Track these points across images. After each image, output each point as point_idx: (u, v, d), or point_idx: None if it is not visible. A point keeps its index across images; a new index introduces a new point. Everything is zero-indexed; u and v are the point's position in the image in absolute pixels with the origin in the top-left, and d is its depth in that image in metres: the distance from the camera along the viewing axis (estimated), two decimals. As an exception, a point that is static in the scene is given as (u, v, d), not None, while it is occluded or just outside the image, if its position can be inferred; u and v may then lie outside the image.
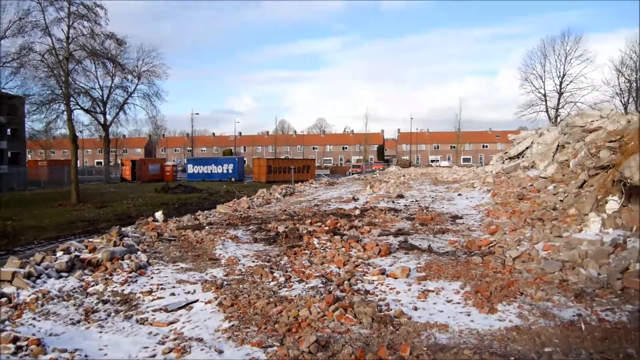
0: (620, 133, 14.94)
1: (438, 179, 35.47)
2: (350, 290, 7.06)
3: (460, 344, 5.14)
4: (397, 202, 18.87)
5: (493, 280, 7.36)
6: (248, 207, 18.47)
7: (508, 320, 5.86)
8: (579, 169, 16.04)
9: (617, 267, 7.25)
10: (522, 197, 15.95)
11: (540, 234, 10.10)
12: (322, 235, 11.07)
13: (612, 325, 5.60)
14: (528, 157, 27.55)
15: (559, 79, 66.43)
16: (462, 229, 12.51)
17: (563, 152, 21.72)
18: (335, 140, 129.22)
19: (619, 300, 6.34)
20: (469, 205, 17.42)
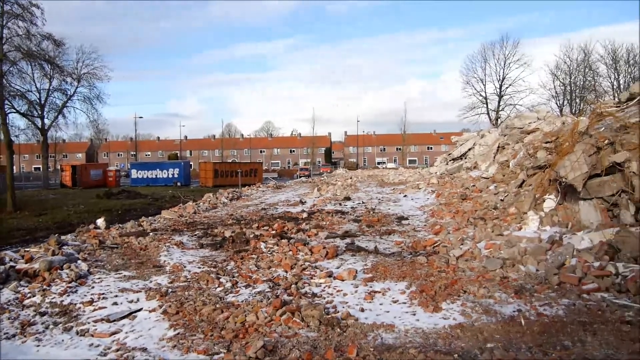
0: (556, 134, 15.56)
1: (384, 180, 35.97)
2: (298, 293, 7.05)
3: (406, 343, 5.21)
4: (344, 205, 19.00)
5: (437, 280, 7.51)
6: (194, 212, 18.18)
7: (452, 318, 5.98)
8: (518, 169, 16.60)
9: (554, 263, 7.54)
10: (465, 197, 16.37)
11: (482, 233, 10.39)
12: (269, 239, 11.02)
13: (549, 319, 5.81)
14: (470, 158, 28.31)
15: (498, 82, 68.75)
16: (408, 229, 12.72)
17: (503, 153, 22.42)
18: (282, 143, 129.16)
19: (556, 295, 6.59)
20: (414, 206, 17.74)
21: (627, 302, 6.21)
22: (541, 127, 21.45)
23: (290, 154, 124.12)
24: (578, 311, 6.03)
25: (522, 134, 22.38)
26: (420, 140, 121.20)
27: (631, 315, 5.83)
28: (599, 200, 9.82)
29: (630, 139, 9.85)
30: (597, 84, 64.99)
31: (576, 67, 66.34)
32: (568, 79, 66.71)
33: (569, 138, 12.34)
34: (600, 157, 10.10)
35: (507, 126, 26.21)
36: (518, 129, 23.55)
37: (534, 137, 19.67)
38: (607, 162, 9.74)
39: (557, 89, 66.99)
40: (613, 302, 6.24)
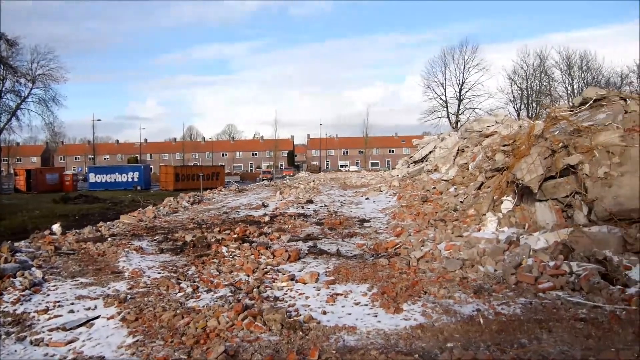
0: (513, 137, 15.94)
1: (347, 183, 36.15)
2: (260, 297, 7.01)
3: (367, 345, 5.24)
4: (306, 208, 19.02)
5: (399, 281, 7.59)
6: (154, 216, 17.89)
7: (413, 319, 6.05)
8: (477, 171, 16.94)
9: (511, 263, 7.72)
10: (426, 200, 16.59)
11: (442, 235, 10.55)
12: (230, 243, 10.93)
13: (507, 317, 5.95)
14: (431, 161, 28.73)
15: (458, 86, 70.17)
16: (370, 232, 12.81)
17: (463, 155, 22.84)
18: (245, 146, 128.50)
19: (513, 294, 6.75)
20: (376, 209, 17.88)
21: (580, 299, 6.40)
22: (499, 131, 21.94)
23: (253, 157, 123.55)
24: (534, 309, 6.18)
25: (480, 137, 22.85)
26: (383, 143, 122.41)
27: (584, 312, 6.02)
28: (554, 202, 10.11)
29: (583, 142, 10.17)
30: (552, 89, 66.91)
31: (532, 72, 68.21)
32: (525, 83, 68.53)
33: (525, 141, 12.65)
34: (555, 159, 10.40)
35: (466, 129, 26.73)
36: (477, 132, 24.04)
37: (492, 140, 20.10)
38: (562, 165, 10.03)
39: (515, 93, 68.75)
40: (567, 300, 6.43)
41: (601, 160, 9.52)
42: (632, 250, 7.97)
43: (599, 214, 9.07)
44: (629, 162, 9.24)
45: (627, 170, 9.13)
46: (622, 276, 6.97)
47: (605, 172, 9.30)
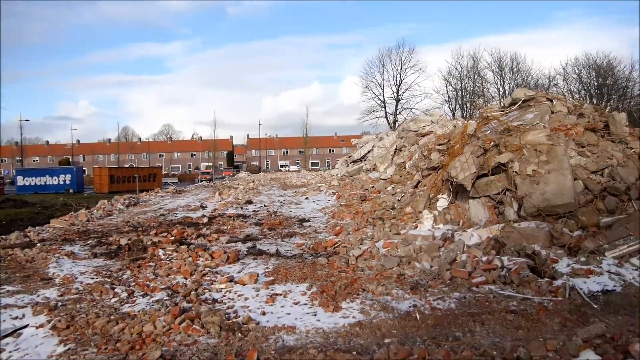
0: (448, 137, 16.39)
1: (287, 183, 36.11)
2: (198, 300, 6.89)
3: (306, 344, 5.25)
4: (246, 208, 18.86)
5: (338, 279, 7.65)
6: (87, 220, 17.26)
7: (352, 316, 6.11)
8: (414, 170, 17.30)
9: (446, 259, 7.93)
10: (365, 199, 16.80)
11: (380, 233, 10.71)
12: (167, 245, 10.69)
13: (442, 312, 6.12)
14: (370, 160, 29.09)
15: (396, 87, 71.39)
16: (309, 231, 12.85)
17: (400, 155, 23.26)
18: (183, 147, 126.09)
19: (448, 289, 6.94)
20: (315, 208, 17.95)
21: (511, 292, 6.66)
22: (435, 130, 22.53)
23: (192, 158, 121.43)
24: (468, 303, 6.38)
25: (417, 136, 23.36)
26: (322, 143, 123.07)
27: (515, 304, 6.26)
28: (487, 199, 10.46)
29: (513, 141, 10.57)
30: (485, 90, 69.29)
31: (466, 73, 70.44)
32: (459, 84, 70.67)
33: (459, 140, 13.03)
34: (487, 158, 10.76)
35: (403, 129, 27.27)
36: (414, 132, 24.57)
37: (428, 140, 20.59)
38: (493, 163, 10.39)
39: (450, 94, 70.79)
40: (499, 293, 6.67)
41: (529, 159, 9.92)
42: (559, 244, 8.36)
43: (528, 210, 9.46)
44: (555, 160, 9.68)
45: (553, 168, 9.57)
46: (549, 269, 7.30)
47: (533, 169, 9.70)
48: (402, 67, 71.09)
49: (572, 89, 70.11)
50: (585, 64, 70.87)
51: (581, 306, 6.16)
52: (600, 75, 70.37)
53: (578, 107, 13.50)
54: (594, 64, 70.50)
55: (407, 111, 69.45)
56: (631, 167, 10.06)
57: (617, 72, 70.53)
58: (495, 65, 69.18)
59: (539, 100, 13.50)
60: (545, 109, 12.64)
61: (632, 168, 10.03)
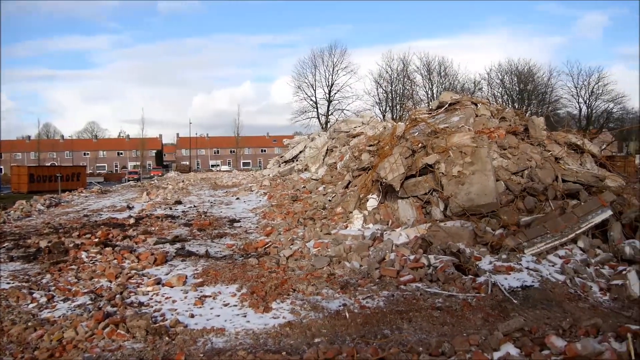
0: (378, 138, 16.71)
1: (218, 183, 35.59)
2: (123, 304, 6.67)
3: (236, 346, 5.19)
4: (175, 209, 18.45)
5: (268, 280, 7.61)
6: (3, 221, 16.32)
7: (282, 317, 6.10)
8: (345, 170, 17.51)
9: (375, 258, 8.07)
10: (296, 199, 16.83)
11: (311, 233, 10.76)
12: (91, 248, 10.27)
13: (371, 310, 6.22)
14: (302, 160, 29.21)
15: (328, 88, 72.03)
16: (240, 232, 12.73)
17: (332, 155, 23.51)
18: (109, 145, 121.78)
19: (377, 288, 7.06)
20: (246, 209, 17.80)
21: (437, 290, 6.86)
22: (365, 131, 22.89)
23: (118, 157, 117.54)
24: (396, 301, 6.52)
25: (348, 137, 23.68)
26: (254, 143, 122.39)
27: (440, 301, 6.46)
28: (415, 199, 10.73)
29: (440, 143, 10.90)
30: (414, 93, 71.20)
31: (396, 76, 72.13)
32: (390, 87, 72.26)
33: (388, 142, 13.32)
34: (415, 159, 11.04)
35: (335, 130, 27.55)
36: (345, 133, 24.87)
37: (358, 141, 20.91)
38: (421, 164, 10.67)
39: (381, 96, 72.29)
40: (426, 290, 6.85)
41: (455, 160, 10.26)
42: (482, 242, 8.69)
43: (453, 210, 9.78)
44: (478, 162, 10.06)
45: (477, 169, 9.94)
46: (473, 266, 7.57)
47: (458, 170, 10.04)
48: (334, 68, 71.96)
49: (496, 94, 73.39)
50: (508, 70, 74.39)
51: (502, 301, 6.43)
52: (522, 81, 74.01)
53: (500, 111, 14.10)
54: (515, 70, 74.07)
55: (339, 112, 70.35)
56: (548, 169, 10.60)
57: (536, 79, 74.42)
58: (424, 69, 71.36)
59: (464, 103, 13.99)
60: (470, 112, 13.12)
61: (549, 170, 10.58)
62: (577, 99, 77.54)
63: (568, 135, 12.82)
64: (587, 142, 12.72)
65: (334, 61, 71.83)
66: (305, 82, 72.25)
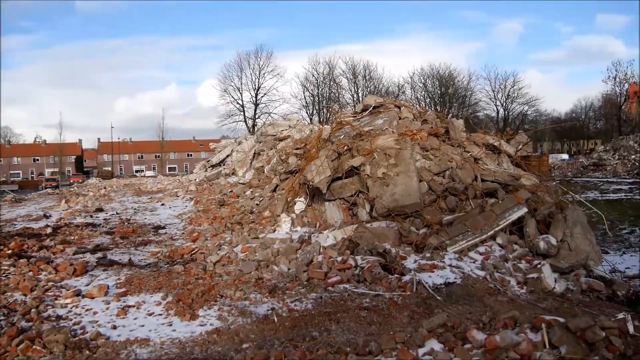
0: (304, 141, 16.79)
1: (142, 189, 34.53)
2: (39, 318, 6.31)
3: (161, 356, 5.07)
4: (96, 217, 17.73)
5: (195, 287, 7.45)
6: None
7: (209, 324, 6.00)
8: (272, 174, 17.45)
9: (303, 260, 8.09)
10: (223, 203, 16.60)
11: (239, 237, 10.65)
12: (3, 260, 9.66)
13: (300, 313, 6.23)
14: (229, 164, 28.85)
15: (254, 91, 71.65)
16: (165, 238, 12.41)
17: (259, 159, 23.37)
18: (24, 151, 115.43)
19: (306, 290, 7.08)
20: (172, 215, 17.38)
21: (364, 290, 6.96)
22: (292, 135, 22.94)
23: (34, 163, 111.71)
24: (324, 303, 6.56)
25: (275, 140, 23.64)
26: (180, 147, 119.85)
27: (368, 301, 6.56)
28: (341, 201, 10.85)
29: (365, 146, 11.09)
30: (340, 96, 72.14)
31: (323, 79, 72.79)
32: (316, 90, 72.79)
33: (315, 145, 13.40)
34: (341, 161, 11.17)
35: (262, 133, 27.43)
36: (272, 136, 24.82)
37: (286, 144, 20.92)
38: (347, 166, 10.81)
39: (307, 99, 72.70)
40: (353, 291, 6.94)
41: (380, 162, 10.47)
42: (407, 241, 8.91)
43: (379, 211, 9.97)
44: (402, 163, 10.31)
45: (401, 171, 10.18)
46: (399, 266, 7.74)
47: (383, 172, 10.25)
48: (261, 71, 71.64)
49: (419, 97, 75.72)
50: (430, 74, 76.95)
51: (427, 299, 6.62)
52: (443, 84, 76.71)
53: (422, 114, 14.54)
54: (437, 74, 76.68)
55: (266, 115, 70.10)
56: (468, 169, 11.01)
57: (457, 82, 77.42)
58: (350, 73, 72.43)
59: (388, 107, 14.32)
60: (393, 115, 13.43)
61: (468, 170, 10.99)
62: (494, 102, 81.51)
63: (486, 136, 13.40)
64: (504, 143, 13.35)
65: (260, 64, 71.56)
66: (231, 86, 71.54)
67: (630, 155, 40.04)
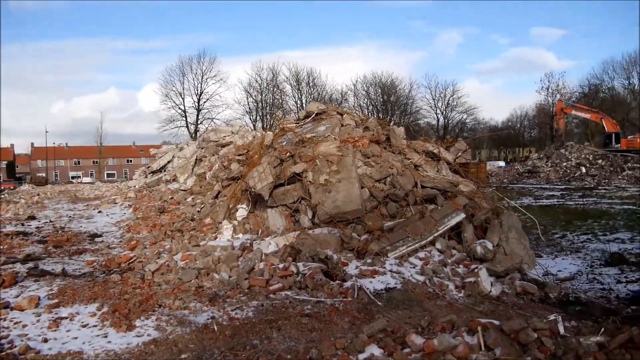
0: (247, 147, 16.69)
1: (78, 196, 33.37)
2: (-39, 333, 5.98)
3: (95, 369, 4.88)
4: (27, 225, 16.97)
5: (132, 297, 7.24)
6: None
7: (146, 334, 5.83)
8: (214, 180, 17.24)
9: (244, 268, 8.00)
10: (163, 210, 16.27)
11: (179, 245, 10.44)
12: None
13: (240, 321, 6.14)
14: (170, 170, 28.32)
15: (197, 97, 70.76)
16: (102, 247, 12.00)
17: (201, 165, 23.06)
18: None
19: (247, 298, 7.00)
20: (109, 222, 16.86)
21: (306, 297, 6.95)
22: (235, 141, 22.77)
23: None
24: (266, 311, 6.50)
25: (217, 147, 23.40)
26: (119, 153, 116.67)
27: (309, 308, 6.56)
28: (284, 207, 10.84)
29: (307, 152, 11.12)
30: (284, 102, 72.24)
31: (266, 86, 72.73)
32: (260, 96, 72.63)
33: (257, 151, 13.33)
34: (283, 168, 11.16)
35: (204, 139, 27.10)
36: (214, 142, 24.55)
37: (228, 150, 20.74)
38: (289, 173, 10.81)
39: (251, 105, 72.44)
40: (295, 298, 6.91)
41: (322, 169, 10.52)
42: (348, 248, 8.98)
43: (321, 217, 10.01)
44: (344, 170, 10.40)
45: (343, 177, 10.27)
46: (340, 272, 7.78)
47: (325, 179, 10.30)
48: (203, 76, 70.85)
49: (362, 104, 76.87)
50: (372, 82, 78.25)
51: (368, 304, 6.68)
52: (385, 92, 78.14)
53: (364, 121, 14.73)
54: (380, 82, 78.04)
55: (209, 121, 69.35)
56: (408, 176, 11.22)
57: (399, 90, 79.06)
58: (293, 79, 72.67)
59: (330, 113, 14.43)
60: (335, 122, 13.54)
61: (409, 176, 11.20)
62: (435, 110, 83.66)
63: (426, 144, 13.71)
64: (443, 150, 13.70)
65: (202, 69, 70.81)
66: (173, 90, 70.43)
67: (562, 163, 41.96)
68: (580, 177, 37.95)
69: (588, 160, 41.09)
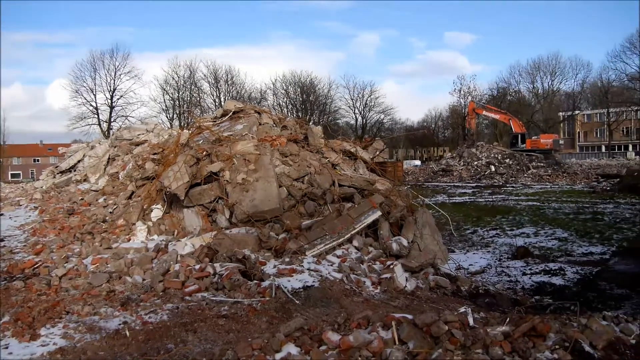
0: (162, 146, 16.19)
1: (-22, 198, 31.19)
2: None
3: (-6, 383, 4.57)
4: None
5: (37, 304, 6.83)
6: None
7: (52, 343, 5.52)
8: (127, 180, 16.56)
9: (159, 270, 7.77)
10: (73, 212, 15.44)
11: (89, 248, 9.96)
12: None
13: (154, 325, 5.95)
14: (80, 170, 26.92)
15: (110, 93, 67.91)
16: (4, 252, 11.21)
17: (113, 164, 22.09)
18: None
19: (161, 301, 6.80)
20: (12, 226, 15.81)
21: (223, 297, 6.85)
22: (150, 139, 22.02)
23: None
24: (181, 313, 6.35)
25: (131, 145, 22.53)
26: (25, 152, 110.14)
27: (226, 309, 6.47)
28: (200, 207, 10.62)
29: (224, 151, 10.96)
30: (201, 100, 70.92)
31: (183, 83, 71.09)
32: (176, 94, 70.88)
33: (173, 150, 12.98)
34: (199, 167, 10.93)
35: (117, 137, 26.00)
36: (127, 141, 23.62)
37: (142, 149, 20.00)
38: (206, 172, 10.61)
39: (167, 103, 70.49)
40: (212, 299, 6.80)
41: (239, 168, 10.41)
42: (266, 247, 8.94)
43: (238, 217, 9.90)
44: (262, 169, 10.35)
45: (261, 176, 10.21)
46: (258, 271, 7.73)
47: (243, 178, 10.20)
48: (117, 72, 68.00)
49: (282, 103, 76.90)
50: (292, 81, 78.43)
51: (286, 303, 6.68)
52: (304, 91, 78.60)
53: (282, 120, 14.72)
54: (299, 81, 78.40)
55: (123, 119, 66.76)
56: (326, 175, 11.33)
57: (318, 90, 79.78)
58: (211, 77, 71.52)
59: (248, 112, 14.30)
60: (253, 121, 13.44)
61: (326, 175, 11.31)
62: (353, 110, 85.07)
63: (343, 143, 13.89)
64: (360, 149, 13.93)
65: (116, 65, 67.85)
66: (84, 86, 67.05)
67: (474, 162, 43.95)
68: (490, 175, 39.90)
69: (497, 159, 43.29)
